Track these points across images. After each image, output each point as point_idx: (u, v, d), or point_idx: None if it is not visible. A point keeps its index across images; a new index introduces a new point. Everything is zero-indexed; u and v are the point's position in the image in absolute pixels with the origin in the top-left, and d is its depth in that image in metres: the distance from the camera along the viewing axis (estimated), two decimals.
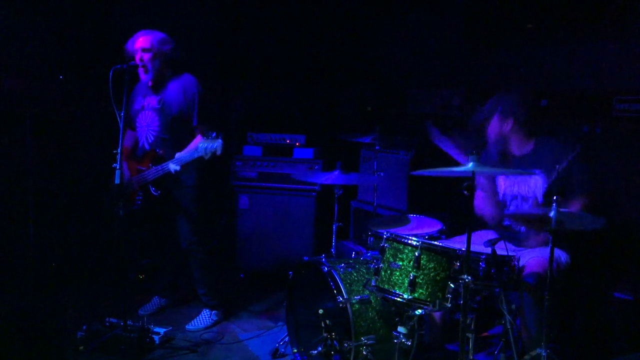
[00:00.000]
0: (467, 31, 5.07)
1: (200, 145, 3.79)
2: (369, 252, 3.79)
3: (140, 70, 4.18)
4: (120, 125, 3.77)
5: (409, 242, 3.16)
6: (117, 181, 3.73)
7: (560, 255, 3.53)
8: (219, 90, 5.75)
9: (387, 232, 3.29)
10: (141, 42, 4.17)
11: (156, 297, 4.79)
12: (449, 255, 3.10)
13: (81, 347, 3.91)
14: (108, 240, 4.99)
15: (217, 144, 3.75)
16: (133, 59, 4.16)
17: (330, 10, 5.77)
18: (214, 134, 3.79)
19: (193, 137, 4.25)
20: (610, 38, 4.08)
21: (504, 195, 3.77)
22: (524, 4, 4.65)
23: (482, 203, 3.81)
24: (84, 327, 3.98)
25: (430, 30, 5.39)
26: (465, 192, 2.95)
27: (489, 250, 3.12)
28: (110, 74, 3.74)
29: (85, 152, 5.18)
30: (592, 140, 4.15)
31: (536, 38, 4.58)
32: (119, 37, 4.25)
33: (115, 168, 3.74)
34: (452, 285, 3.04)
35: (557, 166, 3.51)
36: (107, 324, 4.01)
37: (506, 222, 3.72)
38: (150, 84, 4.31)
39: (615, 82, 4.08)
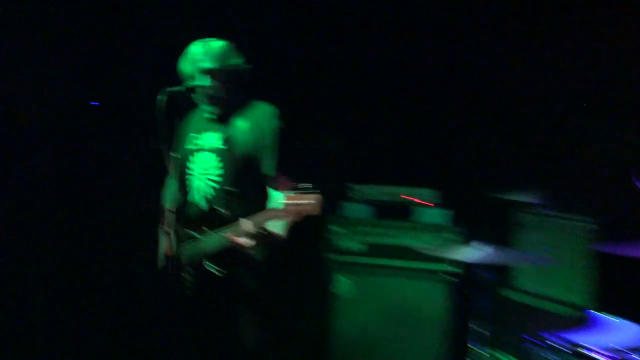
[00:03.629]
0: None
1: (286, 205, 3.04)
2: None
3: (198, 96, 3.42)
4: (171, 171, 3.34)
5: None
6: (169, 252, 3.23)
7: None
8: (298, 124, 4.76)
9: (565, 342, 2.95)
10: (202, 57, 3.41)
11: None
12: None
13: None
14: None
15: (310, 204, 3.03)
16: (189, 78, 3.39)
17: None
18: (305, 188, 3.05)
19: (264, 190, 3.42)
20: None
21: None
22: None
23: None
24: None
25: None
26: None
27: None
28: (165, 99, 3.14)
29: (87, 152, 4.93)
30: None
31: None
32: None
33: (168, 233, 3.24)
34: None
35: None
36: None
37: None
38: (210, 115, 3.56)
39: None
